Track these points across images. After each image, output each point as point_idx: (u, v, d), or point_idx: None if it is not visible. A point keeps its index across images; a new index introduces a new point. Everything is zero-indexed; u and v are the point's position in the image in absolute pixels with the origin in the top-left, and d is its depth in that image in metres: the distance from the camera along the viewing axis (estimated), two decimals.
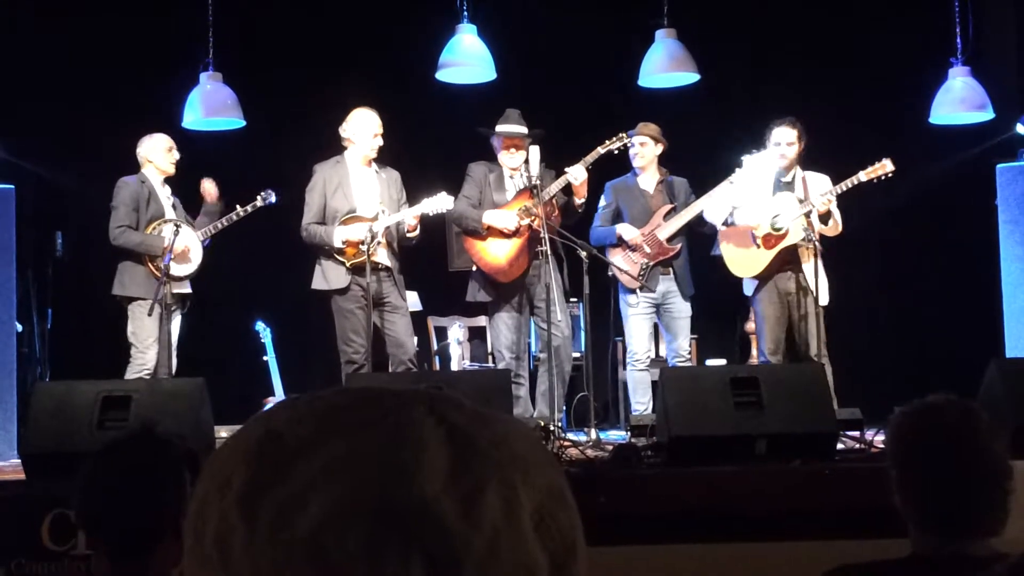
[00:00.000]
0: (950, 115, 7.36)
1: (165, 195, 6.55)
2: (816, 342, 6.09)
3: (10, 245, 6.68)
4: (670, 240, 6.63)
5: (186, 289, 6.53)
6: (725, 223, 6.42)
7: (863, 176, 6.19)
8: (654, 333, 6.94)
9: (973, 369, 4.96)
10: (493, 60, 7.23)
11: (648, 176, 6.79)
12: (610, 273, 6.58)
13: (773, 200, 6.32)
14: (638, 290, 6.60)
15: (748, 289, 6.49)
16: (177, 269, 6.38)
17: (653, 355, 6.96)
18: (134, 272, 6.37)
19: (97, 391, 4.77)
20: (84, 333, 7.67)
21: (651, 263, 6.60)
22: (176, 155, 6.56)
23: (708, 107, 7.82)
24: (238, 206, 6.60)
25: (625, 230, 6.63)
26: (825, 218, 6.19)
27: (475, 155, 6.75)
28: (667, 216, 6.66)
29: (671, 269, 6.65)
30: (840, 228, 6.33)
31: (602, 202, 6.80)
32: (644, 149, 6.69)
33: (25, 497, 4.45)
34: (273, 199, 6.64)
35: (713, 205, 6.48)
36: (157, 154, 6.51)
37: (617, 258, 6.60)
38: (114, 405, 4.72)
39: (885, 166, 6.20)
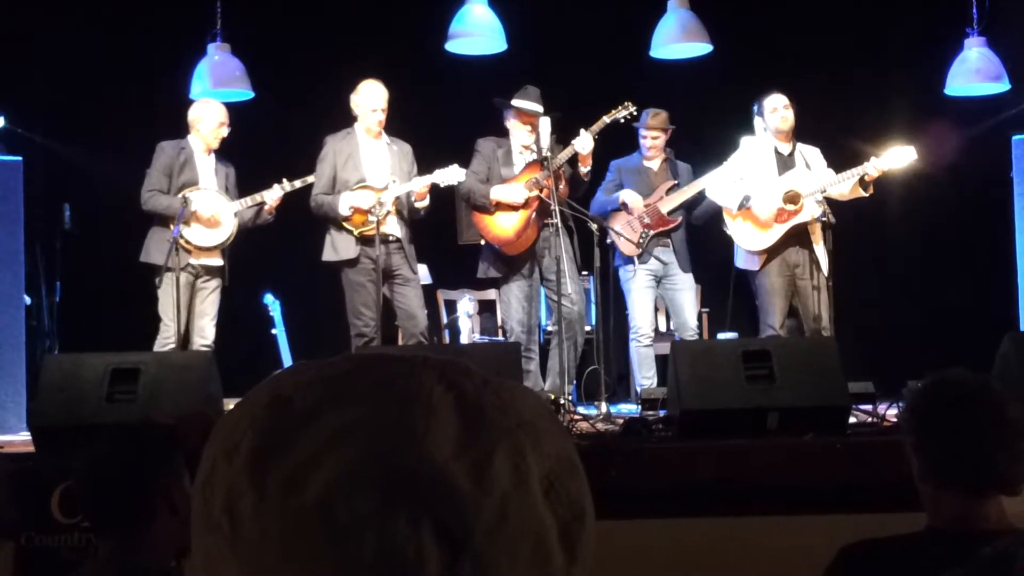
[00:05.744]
0: (965, 86, 7.30)
1: (207, 163, 6.43)
2: (827, 316, 6.06)
3: (18, 218, 6.65)
4: (670, 213, 6.64)
5: (215, 261, 6.38)
6: (740, 206, 6.33)
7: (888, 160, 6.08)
8: (657, 308, 6.93)
9: (987, 343, 4.92)
10: (504, 31, 7.17)
11: (654, 158, 6.83)
12: (608, 241, 6.57)
13: (785, 179, 6.25)
14: (636, 259, 6.58)
15: (749, 263, 6.39)
16: (204, 238, 6.29)
17: (660, 329, 6.95)
18: (161, 238, 6.21)
19: (106, 364, 4.77)
20: (93, 306, 7.67)
21: (651, 232, 6.58)
22: (225, 131, 6.44)
23: (720, 78, 7.75)
24: (285, 179, 6.47)
25: (629, 196, 6.63)
26: (867, 186, 6.12)
27: (485, 126, 6.71)
28: (669, 191, 6.68)
29: (670, 242, 6.65)
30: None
31: (608, 178, 6.83)
32: (656, 142, 6.74)
33: (35, 470, 4.46)
34: None
35: (721, 190, 6.40)
36: (206, 124, 6.40)
37: (618, 225, 6.58)
38: (123, 378, 4.72)
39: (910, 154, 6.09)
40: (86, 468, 2.39)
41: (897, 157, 6.07)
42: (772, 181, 6.27)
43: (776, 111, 6.33)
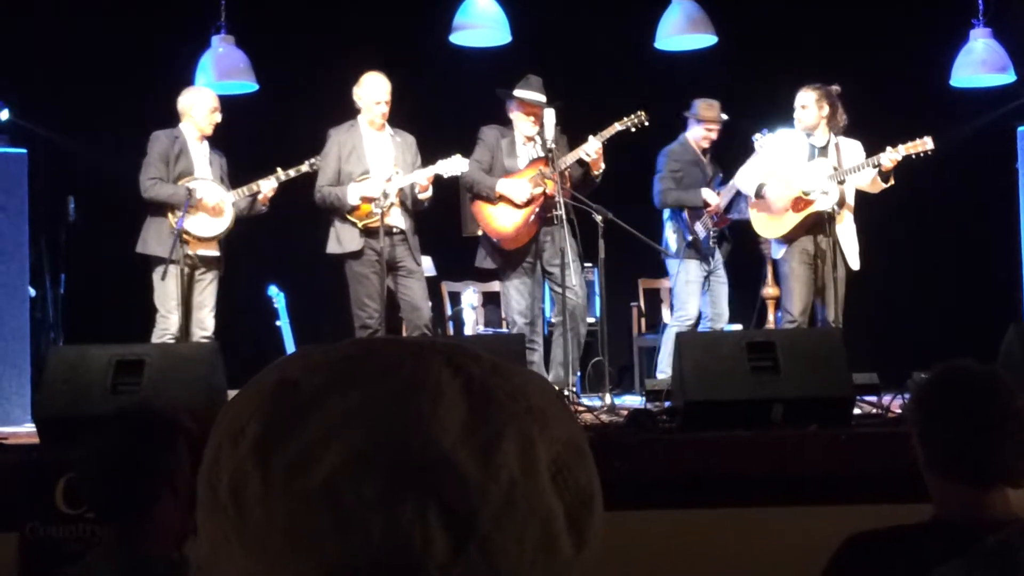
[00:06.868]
0: (971, 77, 7.28)
1: (201, 152, 6.39)
2: (836, 308, 6.05)
3: (23, 210, 6.66)
4: (726, 210, 6.82)
5: (212, 252, 6.35)
6: (757, 194, 6.37)
7: (903, 150, 6.06)
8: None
9: (992, 334, 4.91)
10: (508, 22, 7.16)
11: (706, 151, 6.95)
12: (702, 237, 6.69)
13: (805, 169, 6.26)
14: (710, 256, 6.74)
15: (775, 252, 6.47)
16: (205, 228, 6.27)
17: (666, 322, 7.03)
18: (159, 228, 6.19)
19: (110, 355, 4.76)
20: (97, 298, 7.67)
21: (717, 229, 6.77)
22: (218, 116, 6.40)
23: (725, 70, 7.74)
24: (279, 169, 6.46)
25: (710, 196, 6.71)
26: (887, 176, 6.13)
27: (488, 117, 6.70)
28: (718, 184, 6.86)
29: (724, 237, 6.86)
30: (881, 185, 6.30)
31: (668, 168, 6.81)
32: (717, 134, 6.85)
33: (39, 461, 4.46)
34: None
35: (744, 178, 6.48)
36: (198, 110, 6.35)
37: (698, 224, 6.71)
38: (127, 369, 4.71)
39: (926, 143, 6.06)
40: (88, 455, 2.38)
41: (913, 146, 6.05)
42: (793, 171, 6.27)
43: (795, 110, 6.35)
